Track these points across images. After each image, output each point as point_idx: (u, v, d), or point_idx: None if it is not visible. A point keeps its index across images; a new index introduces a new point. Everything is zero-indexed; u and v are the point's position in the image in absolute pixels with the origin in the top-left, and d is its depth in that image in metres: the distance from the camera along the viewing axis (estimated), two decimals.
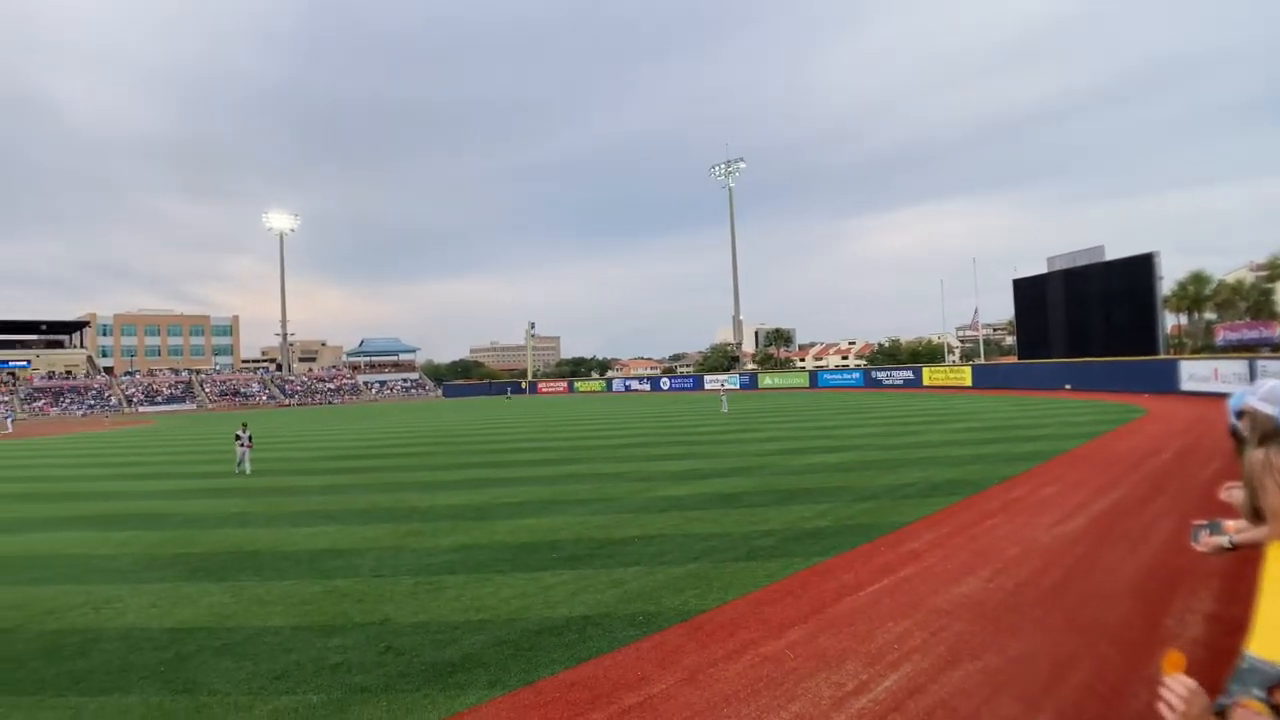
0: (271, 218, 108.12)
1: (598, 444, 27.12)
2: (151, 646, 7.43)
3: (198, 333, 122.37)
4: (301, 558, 11.07)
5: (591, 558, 10.34)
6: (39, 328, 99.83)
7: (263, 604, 8.79)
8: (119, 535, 13.14)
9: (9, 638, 7.80)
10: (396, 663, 6.82)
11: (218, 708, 5.99)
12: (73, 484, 20.88)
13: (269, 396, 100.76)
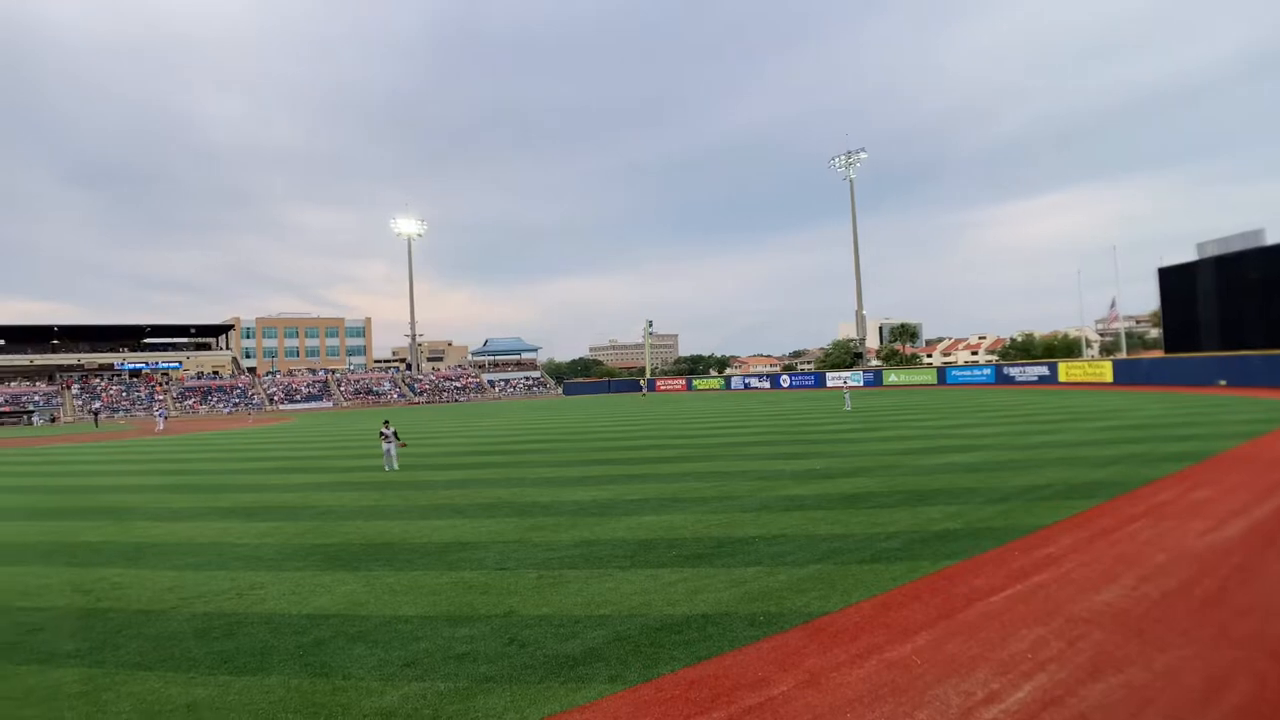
0: (399, 223, 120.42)
1: (717, 442, 29.11)
2: (291, 631, 8.85)
3: (333, 334, 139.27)
4: (430, 549, 12.71)
5: (711, 556, 11.27)
6: (189, 331, 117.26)
7: (394, 593, 10.19)
8: (261, 526, 15.48)
9: (165, 618, 9.59)
10: (520, 654, 7.73)
11: (351, 691, 7.07)
12: (220, 477, 24.49)
13: (399, 395, 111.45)
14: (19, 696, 7.30)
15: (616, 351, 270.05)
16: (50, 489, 23.43)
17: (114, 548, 13.96)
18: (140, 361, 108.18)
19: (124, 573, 11.99)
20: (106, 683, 7.54)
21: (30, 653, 8.52)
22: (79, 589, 11.10)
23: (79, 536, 15.12)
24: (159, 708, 6.88)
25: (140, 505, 19.04)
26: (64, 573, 12.17)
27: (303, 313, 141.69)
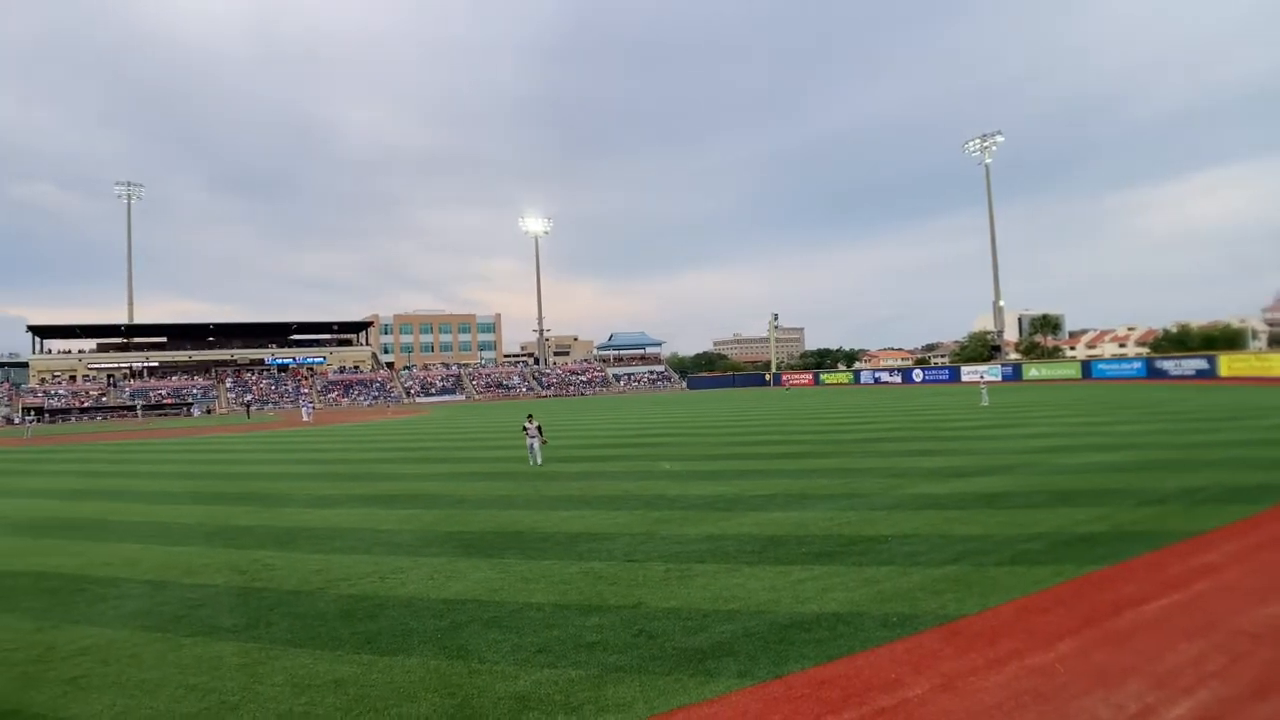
0: (527, 221, 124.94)
1: (846, 438, 28.62)
2: (429, 615, 9.31)
3: (465, 330, 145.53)
4: (560, 539, 13.09)
5: (842, 554, 11.13)
6: (331, 328, 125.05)
7: (526, 581, 10.56)
8: (401, 513, 16.31)
9: (313, 598, 10.26)
10: (649, 645, 7.88)
11: (487, 675, 7.37)
12: (361, 466, 25.94)
13: (528, 388, 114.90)
14: (187, 665, 7.99)
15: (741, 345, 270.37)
16: (209, 475, 25.44)
17: (267, 531, 15.04)
18: (287, 357, 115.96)
19: (276, 555, 12.91)
20: (261, 657, 8.15)
21: (195, 626, 9.31)
22: (236, 569, 12.04)
23: (235, 520, 16.38)
24: (308, 682, 7.37)
25: (289, 492, 20.43)
26: (223, 554, 13.23)
27: (436, 310, 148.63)
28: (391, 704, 6.81)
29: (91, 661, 8.24)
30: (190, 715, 6.77)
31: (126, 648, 8.63)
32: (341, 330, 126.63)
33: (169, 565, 12.53)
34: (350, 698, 6.99)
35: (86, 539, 15.10)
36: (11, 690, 7.56)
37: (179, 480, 24.44)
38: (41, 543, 14.97)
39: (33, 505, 20.14)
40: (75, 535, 15.55)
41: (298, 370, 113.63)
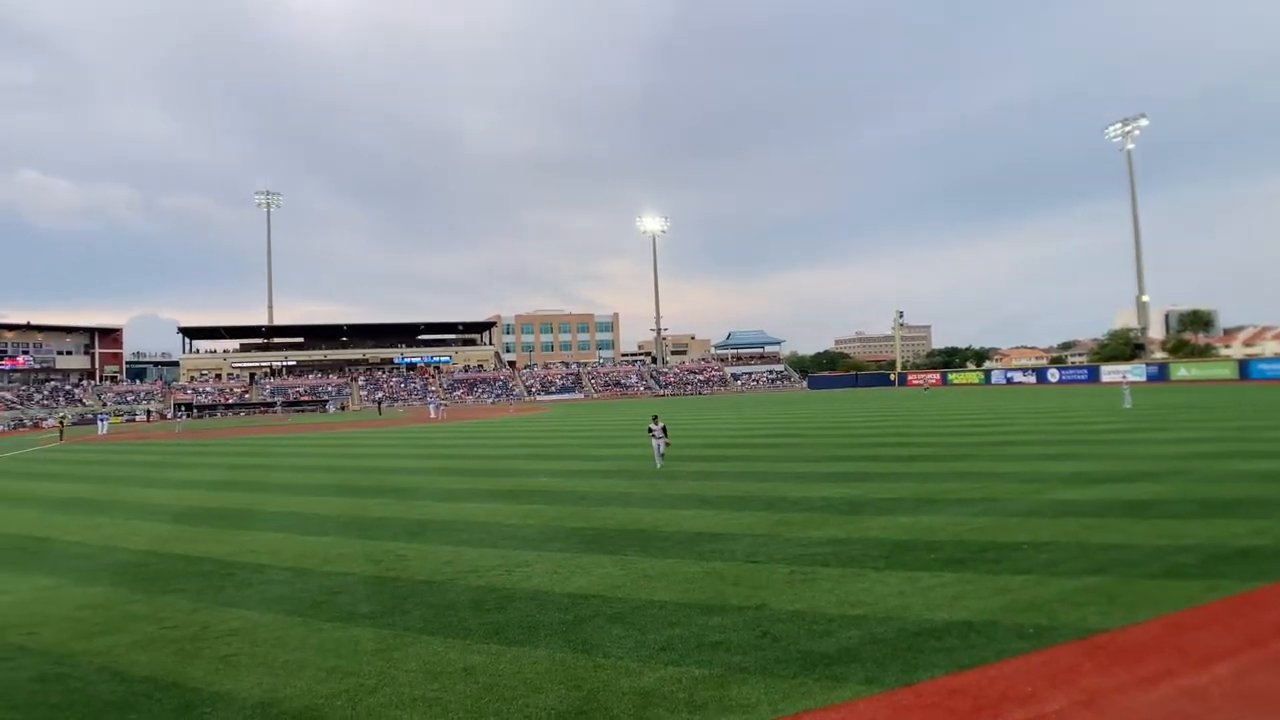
0: (644, 221, 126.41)
1: (976, 440, 27.54)
2: (555, 608, 9.53)
3: (584, 329, 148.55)
4: (681, 538, 13.14)
5: (974, 561, 10.74)
6: (457, 328, 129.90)
7: (648, 579, 10.67)
8: (525, 508, 16.75)
9: (444, 588, 10.67)
10: (773, 648, 7.82)
11: (611, 669, 7.48)
12: (486, 462, 26.79)
13: (645, 387, 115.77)
14: (327, 648, 8.45)
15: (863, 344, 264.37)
16: (344, 469, 26.85)
17: (399, 523, 15.72)
18: (415, 356, 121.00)
19: (408, 546, 13.51)
20: (396, 643, 8.53)
21: (334, 611, 9.84)
22: (371, 558, 12.65)
23: (369, 512, 17.21)
24: (440, 669, 7.66)
25: (419, 486, 21.31)
26: (358, 544, 13.92)
27: (556, 310, 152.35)
28: (519, 694, 6.99)
29: (241, 641, 8.83)
30: (331, 696, 7.15)
31: (272, 630, 9.22)
32: (466, 330, 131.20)
33: (308, 554, 13.30)
34: (480, 686, 7.22)
35: (233, 527, 16.20)
36: (172, 664, 8.19)
37: (316, 473, 25.88)
38: (194, 530, 16.16)
39: (185, 495, 21.77)
40: (223, 524, 16.72)
41: (425, 369, 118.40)
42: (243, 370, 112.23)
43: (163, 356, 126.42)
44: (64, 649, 8.85)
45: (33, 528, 17.25)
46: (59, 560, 13.70)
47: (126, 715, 6.93)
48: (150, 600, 10.78)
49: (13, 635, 9.45)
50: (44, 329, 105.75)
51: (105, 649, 8.79)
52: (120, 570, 12.68)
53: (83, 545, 14.96)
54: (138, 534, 15.88)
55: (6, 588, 11.88)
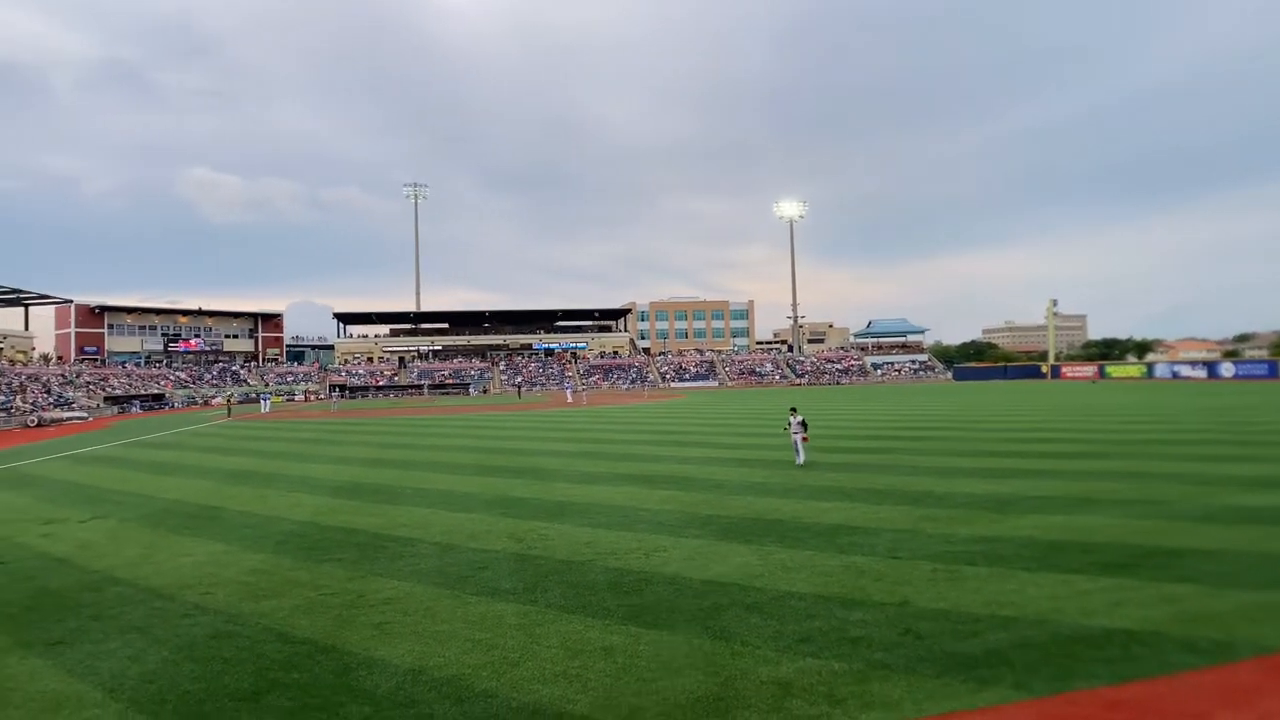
0: (781, 206, 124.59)
1: (1138, 437, 25.70)
2: (692, 594, 9.60)
3: (718, 317, 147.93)
4: (819, 530, 12.96)
5: (1135, 567, 10.15)
6: (593, 315, 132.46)
7: (786, 570, 10.59)
8: (661, 493, 16.92)
9: (583, 569, 10.92)
10: (916, 646, 7.63)
11: (749, 658, 7.48)
12: (623, 447, 27.16)
13: (781, 376, 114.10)
14: (473, 621, 8.83)
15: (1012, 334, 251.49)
16: (487, 450, 27.82)
17: (539, 503, 16.19)
18: (553, 342, 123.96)
19: (548, 526, 13.89)
20: (538, 619, 8.80)
21: (479, 586, 10.25)
22: (514, 537, 13.09)
23: (512, 492, 17.79)
24: (580, 648, 7.86)
25: (558, 468, 21.85)
26: (502, 522, 14.43)
27: (690, 297, 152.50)
28: (657, 676, 7.09)
29: (394, 611, 9.32)
30: (477, 666, 7.45)
31: (422, 601, 9.69)
32: (602, 317, 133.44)
33: (455, 530, 13.89)
34: (619, 666, 7.36)
35: (385, 502, 17.09)
36: (331, 629, 8.74)
37: (461, 453, 26.95)
38: (350, 503, 17.15)
39: (340, 471, 23.13)
40: (376, 499, 17.67)
41: (562, 355, 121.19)
42: (392, 354, 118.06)
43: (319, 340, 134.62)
44: (235, 609, 9.60)
45: (207, 497, 18.76)
46: (230, 528, 14.84)
47: (290, 674, 7.44)
48: (310, 568, 11.54)
49: (192, 594, 10.33)
50: (214, 314, 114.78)
51: (271, 611, 9.47)
52: (283, 539, 13.63)
53: (250, 515, 16.15)
54: (299, 506, 17.01)
55: (187, 551, 12.99)
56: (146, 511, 16.99)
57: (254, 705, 6.78)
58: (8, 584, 11.22)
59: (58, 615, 9.63)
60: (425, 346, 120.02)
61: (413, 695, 6.88)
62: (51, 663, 8.01)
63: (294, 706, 6.73)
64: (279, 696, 6.94)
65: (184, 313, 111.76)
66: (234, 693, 7.06)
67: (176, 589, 10.62)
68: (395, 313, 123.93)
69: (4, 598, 10.49)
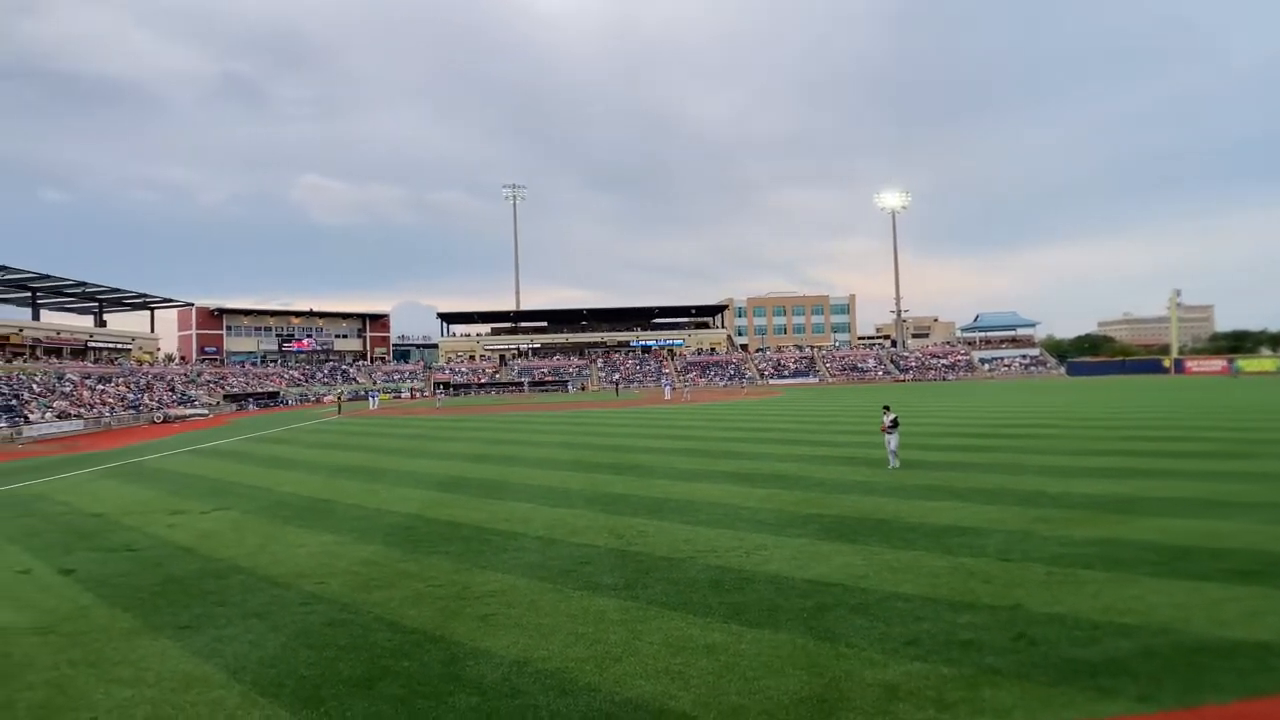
0: (883, 197, 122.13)
1: (1273, 436, 24.02)
2: (795, 594, 9.49)
3: (818, 312, 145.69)
4: (926, 531, 12.63)
5: (1273, 575, 9.49)
6: (689, 312, 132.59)
7: (892, 570, 10.36)
8: (761, 492, 16.78)
9: (683, 566, 10.94)
10: (1030, 652, 7.36)
11: (854, 660, 7.35)
12: (721, 444, 27.07)
13: (884, 372, 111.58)
14: (576, 615, 8.95)
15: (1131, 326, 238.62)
16: (586, 446, 28.17)
17: (639, 500, 16.29)
18: (650, 339, 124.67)
19: (648, 522, 13.97)
20: (639, 615, 8.86)
21: (580, 581, 10.39)
22: (614, 533, 13.22)
23: (611, 488, 17.96)
24: (682, 645, 7.87)
25: (656, 465, 21.94)
26: (601, 518, 14.58)
27: (789, 291, 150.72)
28: (760, 676, 7.04)
29: (498, 603, 9.54)
30: (580, 660, 7.55)
31: (525, 594, 9.89)
32: (699, 314, 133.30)
33: (556, 524, 14.11)
34: (721, 664, 7.34)
35: (488, 497, 17.51)
36: (438, 619, 9.01)
37: (560, 450, 27.37)
38: (454, 497, 17.64)
39: (445, 466, 23.81)
40: (479, 493, 18.11)
41: (659, 352, 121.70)
42: (493, 352, 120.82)
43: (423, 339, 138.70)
44: (348, 598, 9.99)
45: (320, 491, 19.60)
46: (341, 520, 15.45)
47: (400, 662, 7.70)
48: (418, 560, 11.91)
49: (307, 584, 10.80)
50: (324, 315, 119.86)
51: (381, 601, 9.82)
52: (392, 531, 14.12)
53: (360, 508, 16.79)
54: (406, 500, 17.58)
55: (302, 542, 13.60)
56: (264, 504, 17.86)
57: (367, 692, 7.04)
58: (139, 571, 11.96)
59: (184, 601, 10.22)
60: (525, 344, 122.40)
61: (518, 686, 7.02)
62: (180, 645, 8.50)
63: (404, 694, 6.96)
64: (390, 684, 7.19)
65: (296, 314, 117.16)
66: (348, 679, 7.35)
67: (293, 578, 11.12)
68: (496, 312, 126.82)
69: (136, 583, 11.19)
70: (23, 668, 8.01)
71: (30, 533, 15.44)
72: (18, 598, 10.67)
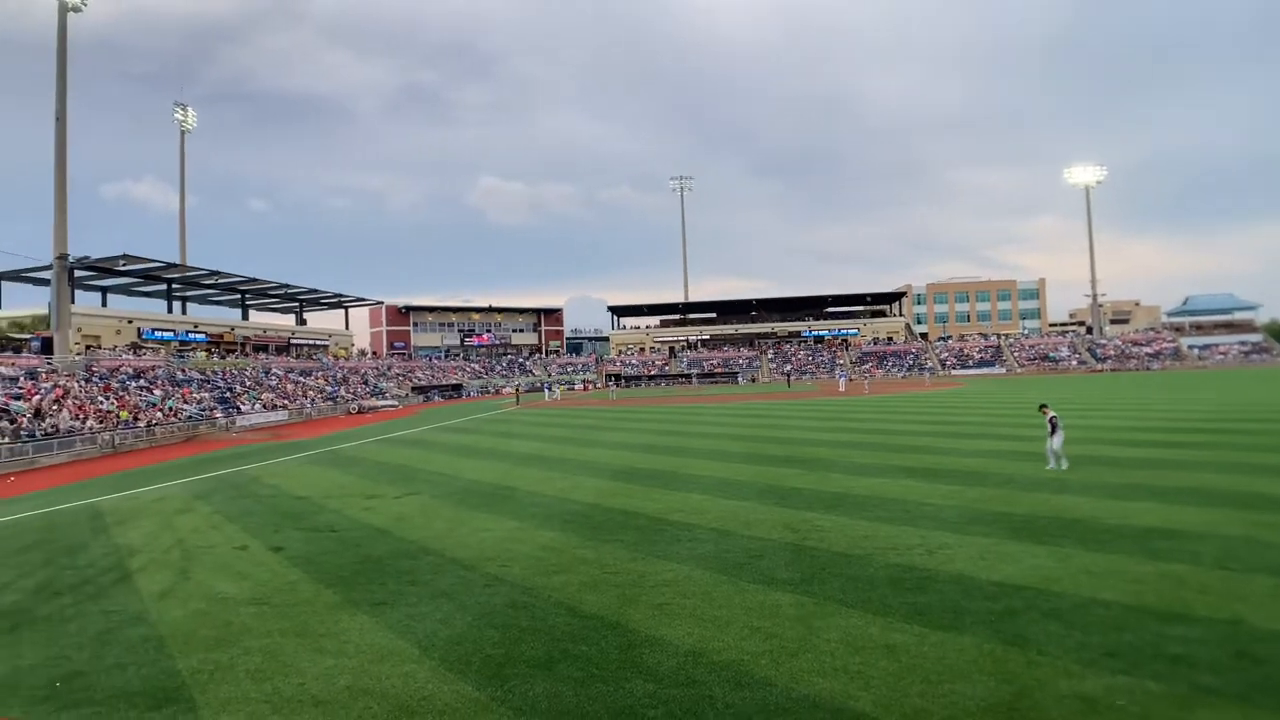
0: (1073, 172, 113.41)
1: None
2: (981, 595, 9.09)
3: (1004, 297, 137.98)
4: (1127, 533, 11.74)
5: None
6: (864, 300, 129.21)
7: (1089, 575, 9.73)
8: (942, 488, 16.14)
9: (861, 563, 10.70)
10: (1254, 671, 6.76)
11: (1048, 668, 6.97)
12: (898, 438, 26.21)
13: (1079, 361, 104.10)
14: (750, 608, 8.97)
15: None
16: (757, 438, 28.04)
17: (813, 494, 16.04)
18: (823, 329, 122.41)
19: (824, 517, 13.74)
20: (816, 611, 8.75)
21: (755, 574, 10.38)
22: (788, 527, 13.10)
23: (784, 481, 17.78)
24: (861, 644, 7.71)
25: (831, 458, 21.52)
26: (775, 511, 14.48)
27: (971, 277, 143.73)
28: (944, 679, 6.81)
29: (673, 593, 9.69)
30: (755, 654, 7.55)
31: (700, 585, 9.99)
32: (874, 302, 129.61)
33: (730, 517, 14.15)
34: (902, 665, 7.15)
35: (661, 487, 17.76)
36: (615, 606, 9.26)
37: (731, 441, 27.37)
38: (628, 487, 18.03)
39: (618, 456, 24.37)
40: (652, 483, 18.41)
41: (832, 341, 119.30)
42: (662, 344, 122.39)
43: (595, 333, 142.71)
44: (529, 582, 10.44)
45: (501, 478, 20.55)
46: (522, 506, 16.14)
47: (579, 646, 7.98)
48: (595, 547, 12.28)
49: (491, 566, 11.37)
50: (502, 311, 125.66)
51: (560, 586, 10.20)
52: (570, 519, 14.61)
53: (540, 495, 17.47)
54: (582, 488, 18.14)
55: (487, 526, 14.32)
56: (450, 489, 18.92)
57: (547, 673, 7.34)
58: (340, 550, 12.97)
59: (380, 579, 11.00)
60: (694, 336, 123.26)
61: (693, 676, 7.12)
62: (376, 620, 9.17)
63: (583, 676, 7.20)
64: (569, 666, 7.46)
65: (476, 310, 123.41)
66: (529, 660, 7.69)
67: (478, 560, 11.74)
68: (665, 304, 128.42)
69: (337, 561, 12.15)
70: (241, 634, 8.90)
71: (246, 513, 17.07)
72: (237, 571, 11.84)
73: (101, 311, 66.83)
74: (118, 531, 15.56)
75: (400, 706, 6.82)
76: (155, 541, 14.41)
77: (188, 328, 73.00)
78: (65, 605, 10.45)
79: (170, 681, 7.61)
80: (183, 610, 9.94)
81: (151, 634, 9.05)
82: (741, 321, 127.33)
